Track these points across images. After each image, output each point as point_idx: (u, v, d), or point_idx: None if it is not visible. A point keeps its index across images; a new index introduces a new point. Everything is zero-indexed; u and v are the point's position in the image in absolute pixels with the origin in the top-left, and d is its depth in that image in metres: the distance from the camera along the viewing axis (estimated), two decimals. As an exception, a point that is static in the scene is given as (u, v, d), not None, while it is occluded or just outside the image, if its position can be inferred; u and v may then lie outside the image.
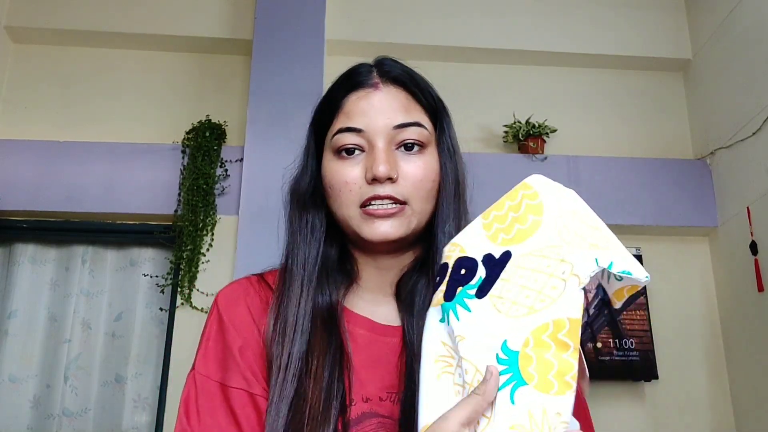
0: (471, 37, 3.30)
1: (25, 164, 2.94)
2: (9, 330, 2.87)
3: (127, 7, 3.20)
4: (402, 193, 0.76)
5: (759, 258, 2.75)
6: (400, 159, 0.77)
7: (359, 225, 0.77)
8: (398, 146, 0.78)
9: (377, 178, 0.75)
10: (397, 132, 0.77)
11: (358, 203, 0.77)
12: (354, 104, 0.79)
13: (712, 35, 3.19)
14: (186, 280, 2.76)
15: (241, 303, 0.80)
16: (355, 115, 0.78)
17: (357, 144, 0.78)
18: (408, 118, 0.78)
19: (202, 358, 0.78)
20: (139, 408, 2.83)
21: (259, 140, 2.89)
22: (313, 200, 0.83)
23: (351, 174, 0.77)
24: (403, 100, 0.80)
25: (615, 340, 2.88)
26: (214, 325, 0.80)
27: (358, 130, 0.77)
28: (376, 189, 0.75)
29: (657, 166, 3.16)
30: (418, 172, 0.77)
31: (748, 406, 2.84)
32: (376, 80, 0.81)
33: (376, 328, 0.79)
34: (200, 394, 0.75)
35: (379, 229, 0.76)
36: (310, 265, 0.80)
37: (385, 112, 0.78)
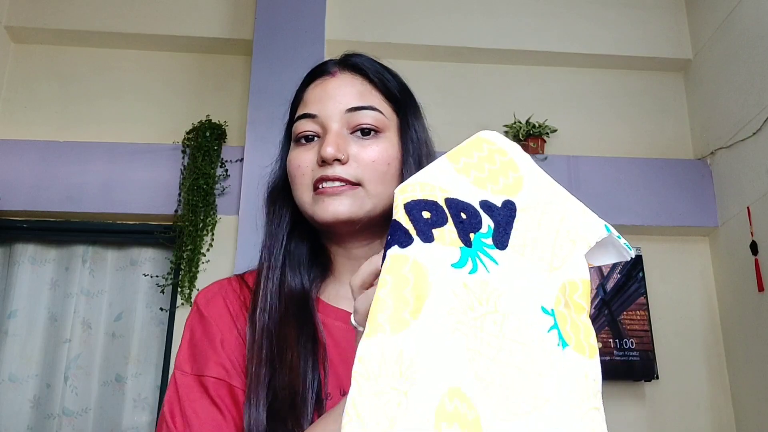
0: (471, 37, 3.30)
1: (25, 164, 2.94)
2: (9, 330, 2.87)
3: (127, 7, 3.20)
4: (352, 174, 0.76)
5: (759, 258, 2.75)
6: (353, 143, 0.78)
7: (312, 207, 0.77)
8: (353, 131, 0.78)
9: (325, 159, 0.75)
10: (350, 115, 0.78)
11: (310, 186, 0.77)
12: (311, 92, 0.82)
13: (712, 35, 3.19)
14: (186, 280, 2.76)
15: (219, 300, 0.81)
16: (311, 102, 0.80)
17: (312, 130, 0.79)
18: (362, 102, 0.79)
19: (182, 356, 0.78)
20: (139, 408, 2.83)
21: (259, 140, 2.89)
22: (283, 194, 0.84)
23: (305, 159, 0.78)
24: (358, 86, 0.81)
25: (615, 340, 2.88)
26: (194, 323, 0.80)
27: (312, 116, 0.79)
28: (326, 170, 0.76)
29: (657, 166, 3.16)
30: (370, 154, 0.77)
31: (748, 406, 2.84)
32: (333, 69, 0.83)
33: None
34: (181, 391, 0.75)
35: (329, 208, 0.76)
36: (275, 254, 0.80)
37: (338, 96, 0.79)
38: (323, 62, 0.86)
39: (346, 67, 0.83)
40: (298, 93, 0.85)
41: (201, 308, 0.80)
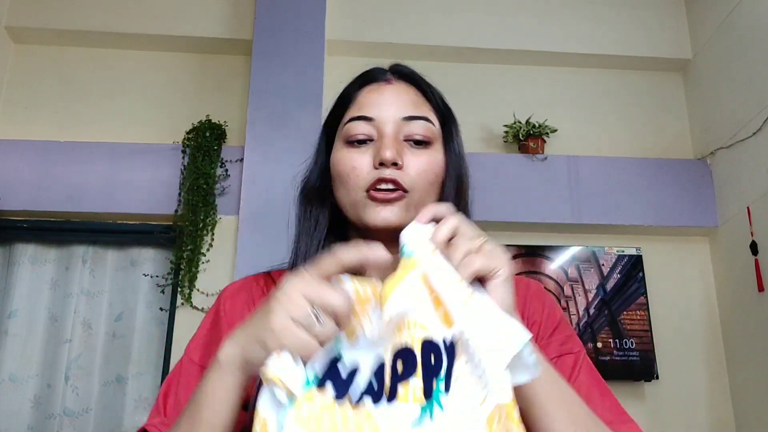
0: (471, 37, 3.31)
1: (25, 164, 2.94)
2: (9, 330, 2.87)
3: (127, 7, 3.21)
4: (405, 180, 0.78)
5: (759, 258, 2.75)
6: (406, 151, 0.80)
7: (363, 209, 0.78)
8: (406, 139, 0.80)
9: (384, 162, 0.77)
10: (405, 123, 0.80)
11: (364, 187, 0.78)
12: (366, 96, 0.83)
13: (712, 35, 3.20)
14: (186, 280, 2.76)
15: (241, 298, 0.82)
16: (367, 105, 0.81)
17: (367, 134, 0.80)
18: (417, 112, 0.81)
19: (192, 344, 0.81)
20: (140, 408, 2.83)
21: (259, 140, 2.89)
22: (320, 195, 0.85)
23: (360, 160, 0.79)
24: (413, 96, 0.83)
25: (615, 340, 2.88)
26: (210, 316, 0.83)
27: (368, 119, 0.80)
28: (383, 171, 0.77)
29: (657, 166, 3.16)
30: (422, 164, 0.79)
31: (748, 406, 2.84)
32: (388, 76, 0.84)
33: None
34: (182, 377, 0.78)
35: (381, 214, 0.77)
36: (311, 256, 0.81)
37: (395, 103, 0.81)
38: (374, 67, 0.87)
39: (400, 76, 0.85)
40: (347, 94, 0.85)
41: (222, 303, 0.83)
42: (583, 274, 2.97)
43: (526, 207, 3.01)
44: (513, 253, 2.98)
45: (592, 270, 2.98)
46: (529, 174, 3.07)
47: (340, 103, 0.85)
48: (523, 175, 3.06)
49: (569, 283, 2.95)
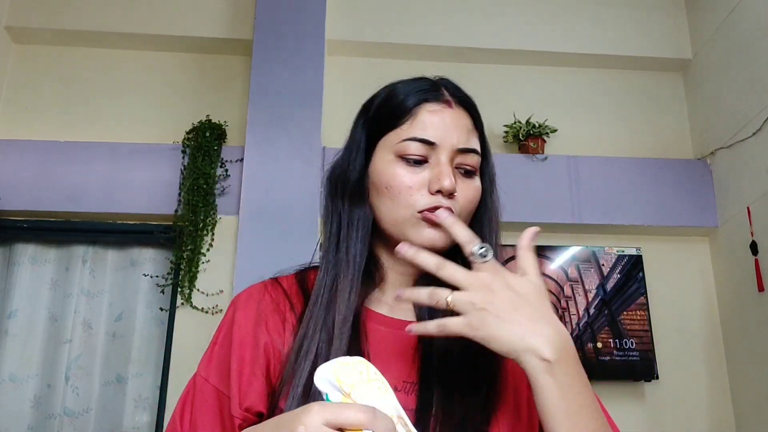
0: (471, 37, 3.31)
1: (25, 164, 2.94)
2: (9, 330, 2.87)
3: (127, 7, 3.21)
4: (456, 209, 0.79)
5: (759, 258, 2.75)
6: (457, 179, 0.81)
7: (411, 228, 0.79)
8: (457, 167, 0.81)
9: (442, 191, 0.78)
10: (458, 154, 0.81)
11: (415, 207, 0.79)
12: (429, 116, 0.81)
13: (712, 35, 3.20)
14: (186, 280, 2.76)
15: (252, 312, 0.82)
16: (430, 127, 0.80)
17: (424, 155, 0.80)
18: (470, 144, 0.82)
19: (205, 361, 0.81)
20: (140, 408, 2.83)
21: (259, 140, 2.89)
22: (360, 196, 0.84)
23: (415, 180, 0.79)
24: (468, 125, 0.84)
25: (615, 340, 2.88)
26: (223, 331, 0.83)
27: (430, 143, 0.80)
28: (440, 200, 0.78)
29: (657, 166, 3.16)
30: (469, 194, 0.81)
31: (748, 406, 2.84)
32: (448, 98, 0.83)
33: (392, 323, 0.82)
34: (197, 396, 0.78)
35: (429, 236, 0.78)
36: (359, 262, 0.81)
37: (454, 131, 0.81)
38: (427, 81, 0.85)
39: (458, 101, 0.84)
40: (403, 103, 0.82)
41: (234, 316, 0.83)
42: (583, 274, 2.97)
43: (526, 207, 3.00)
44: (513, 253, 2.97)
45: (592, 270, 2.98)
46: (529, 174, 3.07)
47: (393, 110, 0.83)
48: (523, 175, 3.06)
49: (569, 283, 2.95)
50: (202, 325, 2.72)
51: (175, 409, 0.79)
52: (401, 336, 0.79)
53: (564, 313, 2.90)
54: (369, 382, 0.60)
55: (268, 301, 0.83)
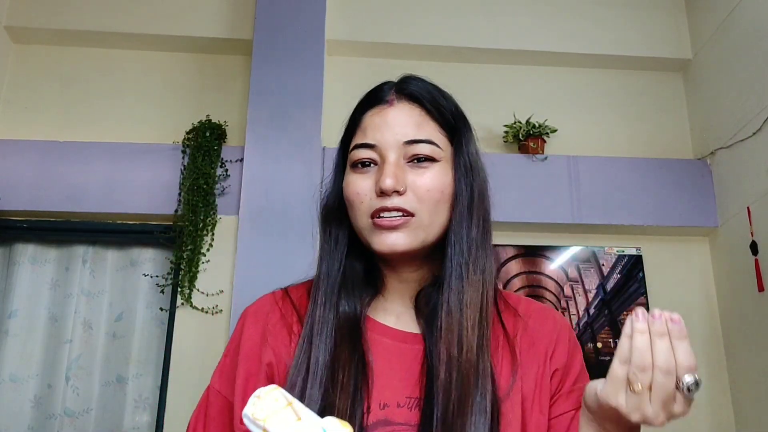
0: (471, 37, 3.31)
1: (25, 164, 2.94)
2: (9, 330, 2.87)
3: (127, 7, 3.21)
4: (410, 204, 0.77)
5: (759, 258, 2.75)
6: (409, 172, 0.79)
7: (370, 236, 0.79)
8: (410, 160, 0.79)
9: (384, 191, 0.77)
10: (407, 147, 0.79)
11: (368, 214, 0.79)
12: (369, 120, 0.82)
13: (712, 35, 3.20)
14: (186, 280, 2.76)
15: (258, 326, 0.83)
16: (369, 130, 0.81)
17: (370, 158, 0.80)
18: (419, 135, 0.80)
19: (218, 373, 0.82)
20: (140, 408, 2.83)
21: (260, 140, 2.89)
22: (338, 215, 0.85)
23: (362, 186, 0.79)
24: (416, 117, 0.81)
25: (615, 340, 2.88)
26: (233, 344, 0.83)
27: (370, 146, 0.80)
28: (384, 201, 0.77)
29: (657, 166, 3.16)
30: (424, 182, 0.79)
31: (748, 406, 2.84)
32: (391, 97, 0.83)
33: (397, 335, 0.81)
34: (210, 408, 0.79)
35: (387, 241, 0.77)
36: (332, 276, 0.82)
37: (396, 127, 0.80)
38: (380, 86, 0.86)
39: (403, 96, 0.83)
40: (354, 116, 0.85)
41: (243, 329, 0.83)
42: (583, 274, 2.97)
43: (526, 207, 3.00)
44: (513, 253, 2.98)
45: (592, 270, 2.98)
46: (529, 174, 3.07)
47: (349, 126, 0.85)
48: (523, 175, 3.06)
49: (569, 283, 2.95)
50: (202, 325, 2.72)
51: (190, 422, 0.80)
52: (406, 349, 0.79)
53: (564, 313, 2.90)
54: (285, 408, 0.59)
55: (277, 314, 0.84)
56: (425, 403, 0.75)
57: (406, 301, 0.84)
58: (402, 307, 0.84)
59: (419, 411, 0.74)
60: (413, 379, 0.77)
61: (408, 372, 0.78)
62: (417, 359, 0.78)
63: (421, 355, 0.78)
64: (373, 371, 0.77)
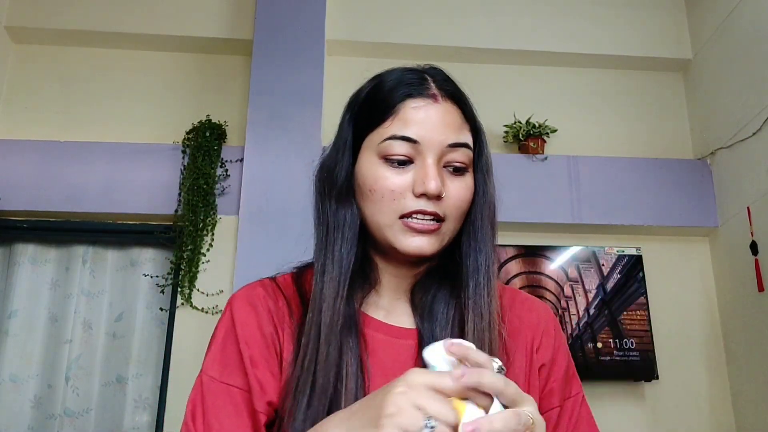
0: (471, 37, 3.31)
1: (25, 164, 2.94)
2: (9, 330, 2.87)
3: (127, 7, 3.21)
4: (444, 211, 0.76)
5: (759, 258, 2.75)
6: (446, 178, 0.77)
7: (395, 235, 0.76)
8: (446, 165, 0.77)
9: (427, 194, 0.74)
10: (448, 151, 0.76)
11: (400, 213, 0.75)
12: (412, 112, 0.77)
13: (712, 35, 3.20)
14: (186, 280, 2.76)
15: (253, 310, 0.80)
16: (413, 124, 0.76)
17: (408, 155, 0.76)
18: (460, 139, 0.78)
19: (210, 361, 0.78)
20: (140, 408, 2.83)
21: (260, 140, 2.89)
22: (347, 196, 0.81)
23: (398, 183, 0.75)
24: (457, 118, 0.79)
25: (615, 340, 2.88)
26: (225, 329, 0.80)
27: (413, 141, 0.75)
28: (423, 204, 0.75)
29: (657, 166, 3.16)
30: (460, 193, 0.77)
31: (748, 406, 2.84)
32: (434, 92, 0.79)
33: (392, 331, 0.79)
34: (206, 396, 0.75)
35: (415, 243, 0.75)
36: (345, 264, 0.78)
37: (441, 127, 0.76)
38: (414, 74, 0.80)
39: (446, 94, 0.79)
40: (387, 99, 0.78)
41: (234, 315, 0.80)
42: (583, 274, 2.97)
43: (526, 207, 3.00)
44: (513, 253, 2.98)
45: (592, 270, 2.98)
46: (529, 174, 3.07)
47: (377, 107, 0.79)
48: (523, 175, 3.06)
49: (569, 283, 2.95)
50: (202, 325, 2.72)
51: (186, 412, 0.76)
52: (400, 344, 0.78)
53: (564, 313, 2.90)
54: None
55: (268, 300, 0.81)
56: None
57: (399, 294, 0.82)
58: (393, 300, 0.82)
59: None
60: None
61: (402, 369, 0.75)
62: (411, 355, 0.77)
63: (415, 351, 0.77)
64: (369, 369, 0.75)
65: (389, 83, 0.80)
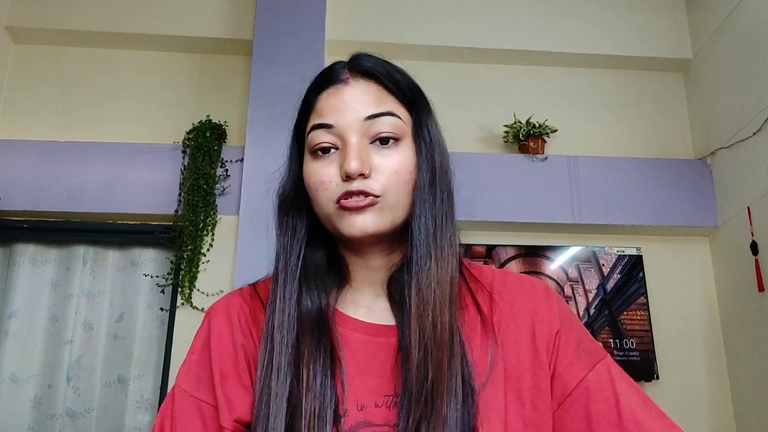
0: (471, 37, 3.31)
1: (25, 164, 2.94)
2: (10, 330, 2.87)
3: (127, 7, 3.21)
4: (374, 187, 0.74)
5: (759, 258, 2.75)
6: (374, 153, 0.75)
7: (338, 221, 0.75)
8: (373, 140, 0.76)
9: (349, 175, 0.73)
10: (369, 124, 0.75)
11: (334, 200, 0.75)
12: (325, 101, 0.78)
13: (712, 35, 3.20)
14: (186, 281, 2.76)
15: (229, 322, 0.80)
16: (326, 111, 0.77)
17: (330, 142, 0.76)
18: (379, 108, 0.76)
19: (184, 373, 0.78)
20: (142, 409, 2.83)
21: (260, 140, 2.89)
22: (295, 203, 0.82)
23: (326, 172, 0.75)
24: (374, 93, 0.78)
25: (615, 340, 2.88)
26: (200, 341, 0.80)
27: (328, 126, 0.76)
28: (350, 185, 0.74)
29: (657, 166, 3.16)
30: (392, 164, 0.75)
31: (748, 406, 2.84)
32: (345, 75, 0.80)
33: (369, 329, 0.77)
34: (176, 409, 0.75)
35: (356, 223, 0.74)
36: (291, 267, 0.78)
37: (354, 105, 0.76)
38: (331, 67, 0.82)
39: (358, 73, 0.80)
40: (307, 99, 0.80)
41: (210, 327, 0.80)
42: (584, 274, 2.97)
43: (526, 207, 3.01)
44: (513, 253, 2.98)
45: (592, 270, 2.98)
46: (529, 174, 3.07)
47: (302, 110, 0.81)
48: (523, 175, 3.06)
49: (569, 283, 2.95)
50: (202, 325, 2.72)
51: (155, 422, 0.76)
52: (379, 344, 0.76)
53: (564, 313, 2.90)
54: None
55: (246, 309, 0.80)
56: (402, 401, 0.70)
57: (377, 289, 0.80)
58: (373, 297, 0.80)
59: (397, 410, 0.71)
60: (389, 375, 0.73)
61: (383, 368, 0.74)
62: (391, 354, 0.74)
63: (395, 348, 0.74)
64: (345, 371, 0.73)
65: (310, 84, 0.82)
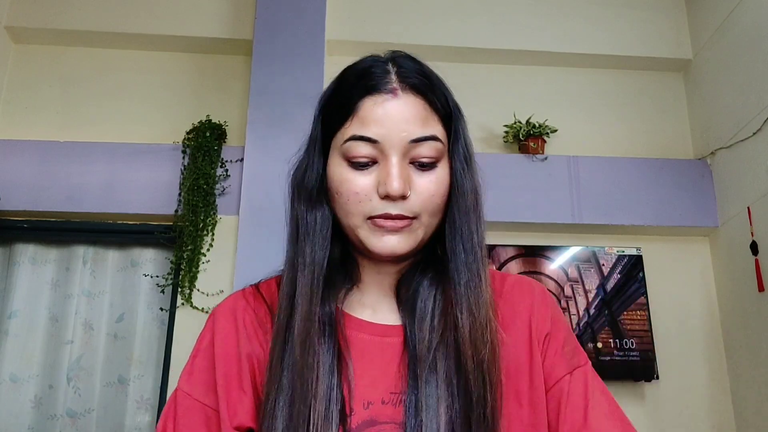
0: (471, 37, 3.31)
1: (25, 164, 2.94)
2: (10, 330, 2.87)
3: (127, 7, 3.21)
4: (412, 209, 0.73)
5: (759, 258, 2.75)
6: (413, 174, 0.74)
7: (366, 236, 0.74)
8: (412, 161, 0.74)
9: (390, 196, 0.71)
10: (412, 146, 0.73)
11: (366, 215, 0.73)
12: (369, 110, 0.73)
13: (712, 35, 3.20)
14: (186, 281, 2.76)
15: (234, 325, 0.79)
16: (371, 123, 0.73)
17: (370, 156, 0.73)
18: (425, 132, 0.74)
19: (186, 375, 0.78)
20: (142, 409, 2.83)
21: (260, 140, 2.89)
22: (319, 197, 0.78)
23: (362, 185, 0.73)
24: (421, 111, 0.75)
25: (615, 340, 2.88)
26: (203, 344, 0.79)
27: (372, 141, 0.72)
28: (388, 207, 0.72)
29: (657, 166, 3.16)
30: (430, 187, 0.74)
31: (748, 406, 2.84)
32: (394, 85, 0.75)
33: (375, 329, 0.77)
34: (179, 411, 0.75)
35: (388, 244, 0.73)
36: (318, 267, 0.75)
37: (402, 123, 0.73)
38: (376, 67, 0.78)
39: (408, 87, 0.76)
40: (347, 98, 0.76)
41: (214, 330, 0.79)
42: (583, 274, 2.97)
43: (526, 207, 3.01)
44: (513, 253, 2.98)
45: (592, 270, 2.98)
46: (529, 174, 3.07)
47: (339, 107, 0.77)
48: (523, 175, 3.06)
49: (569, 283, 2.95)
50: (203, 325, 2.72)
51: (158, 425, 0.76)
52: (385, 343, 0.76)
53: (564, 313, 2.89)
54: None
55: (250, 312, 0.80)
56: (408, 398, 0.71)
57: (384, 290, 0.80)
58: (378, 297, 0.80)
59: (403, 407, 0.71)
60: (395, 373, 0.74)
61: (389, 367, 0.74)
62: (397, 352, 0.75)
63: (401, 348, 0.75)
64: (352, 371, 0.73)
65: (350, 80, 0.77)
